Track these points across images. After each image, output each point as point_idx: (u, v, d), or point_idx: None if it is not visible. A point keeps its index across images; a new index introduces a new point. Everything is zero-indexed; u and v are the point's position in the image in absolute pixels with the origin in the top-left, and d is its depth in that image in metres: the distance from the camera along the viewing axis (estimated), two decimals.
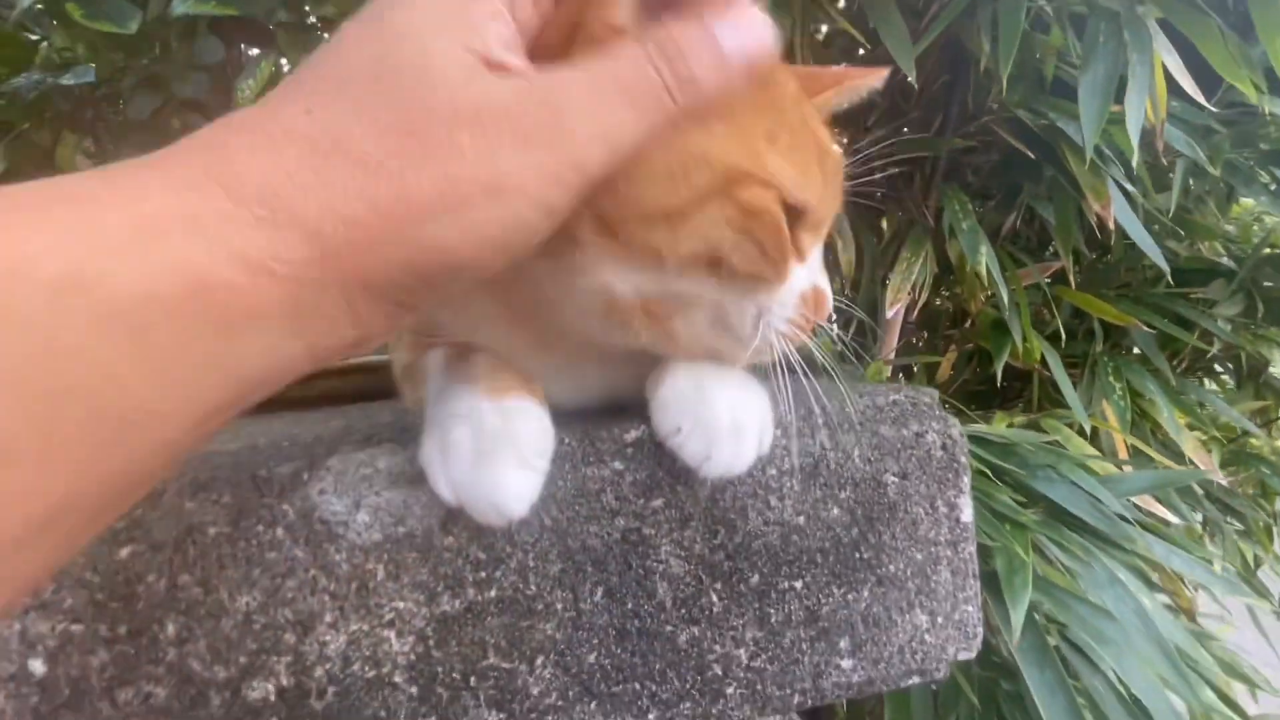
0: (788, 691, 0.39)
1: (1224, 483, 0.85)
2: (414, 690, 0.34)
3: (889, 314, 0.70)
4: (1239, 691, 1.00)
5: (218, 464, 0.36)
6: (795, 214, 0.32)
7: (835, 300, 0.39)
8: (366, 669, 0.34)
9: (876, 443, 0.40)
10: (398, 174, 0.23)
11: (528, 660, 0.36)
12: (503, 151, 0.24)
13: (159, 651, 0.32)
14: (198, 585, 0.33)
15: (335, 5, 0.91)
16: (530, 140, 0.25)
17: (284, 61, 0.96)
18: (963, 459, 0.41)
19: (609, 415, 0.40)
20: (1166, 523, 0.73)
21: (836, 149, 0.36)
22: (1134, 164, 0.58)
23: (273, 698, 0.33)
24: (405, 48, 0.24)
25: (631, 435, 0.38)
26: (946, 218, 0.73)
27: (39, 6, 0.91)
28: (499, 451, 0.31)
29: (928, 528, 0.41)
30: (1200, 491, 0.91)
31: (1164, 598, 1.03)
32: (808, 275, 0.34)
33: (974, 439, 0.65)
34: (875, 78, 0.39)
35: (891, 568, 0.40)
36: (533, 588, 0.36)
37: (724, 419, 0.34)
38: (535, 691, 0.36)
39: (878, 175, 0.40)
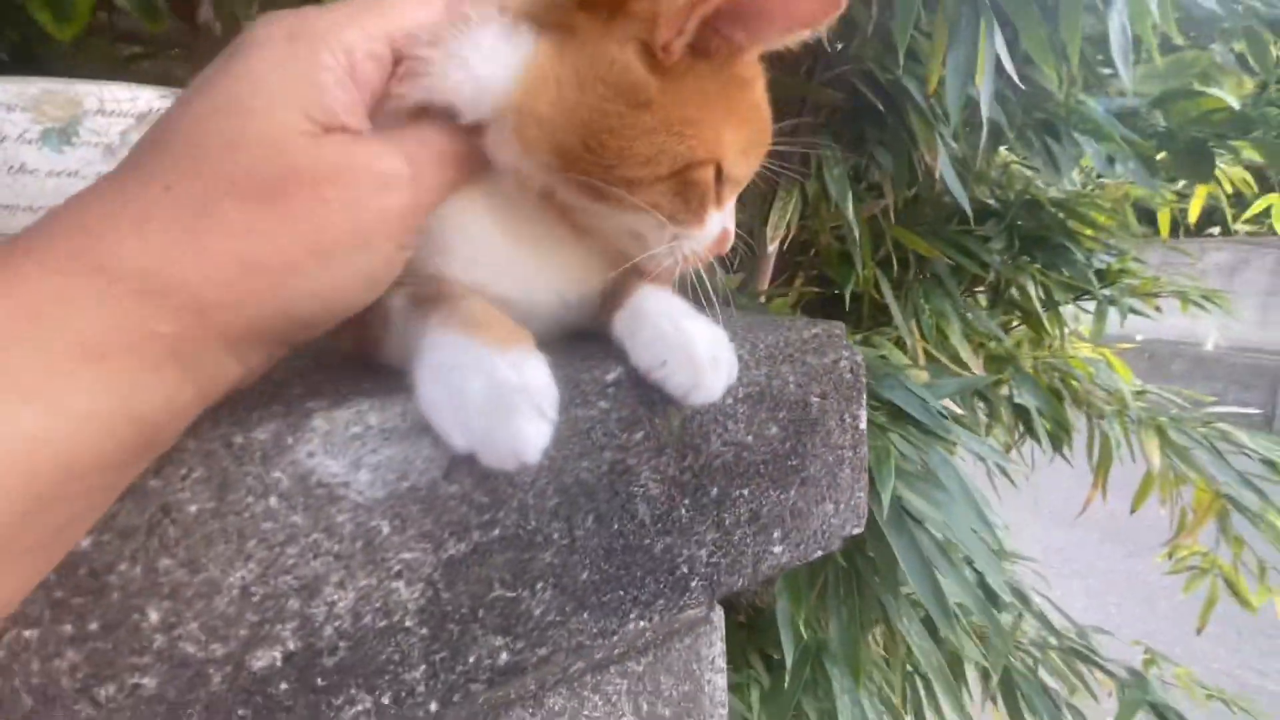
0: (736, 578, 0.47)
1: (986, 378, 1.12)
2: (425, 631, 0.36)
3: (770, 249, 0.79)
4: None
5: None
6: (724, 176, 0.40)
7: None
8: (378, 620, 0.34)
9: (806, 370, 0.47)
10: (268, 236, 0.25)
11: (529, 587, 0.39)
12: (364, 201, 0.28)
13: (143, 641, 0.29)
14: (182, 567, 0.30)
15: None
16: (389, 188, 0.29)
17: None
18: (862, 379, 0.51)
19: (581, 351, 0.42)
20: (954, 413, 0.95)
21: (769, 128, 0.42)
22: (973, 125, 0.71)
23: (280, 663, 0.32)
24: (254, 122, 0.26)
25: (611, 376, 0.40)
26: (815, 161, 0.82)
27: None
28: (518, 404, 0.32)
29: (838, 436, 0.50)
30: None
31: None
32: (721, 220, 0.42)
33: None
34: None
35: (812, 470, 0.49)
36: (533, 523, 0.38)
37: (704, 353, 0.38)
38: (537, 613, 0.39)
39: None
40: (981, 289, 1.28)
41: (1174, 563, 1.43)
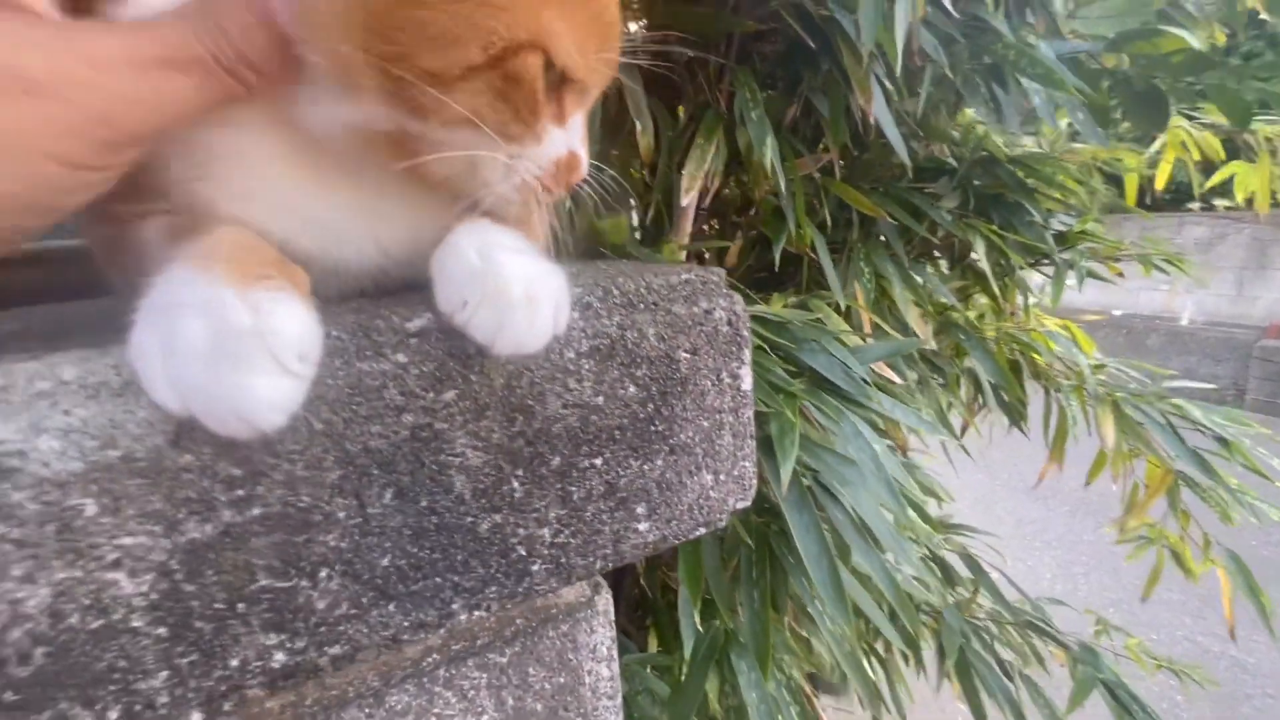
0: (591, 559, 0.41)
1: (934, 347, 1.06)
2: (161, 631, 0.29)
3: (684, 202, 0.72)
4: (930, 503, 1.33)
5: None
6: (561, 80, 0.34)
7: (636, 185, 0.39)
8: (89, 620, 0.28)
9: (670, 320, 0.41)
10: None
11: (308, 575, 0.32)
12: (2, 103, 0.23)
13: None
14: None
15: None
16: (32, 95, 0.23)
17: None
18: (745, 332, 0.44)
19: (390, 299, 0.35)
20: (892, 381, 0.90)
21: (617, 20, 0.36)
22: (897, 67, 0.64)
23: None
24: None
25: (415, 324, 0.34)
26: (737, 104, 0.75)
27: None
28: (248, 353, 0.26)
29: (714, 397, 0.44)
30: (916, 355, 1.13)
31: (887, 440, 1.30)
32: (565, 140, 0.36)
33: (755, 319, 0.71)
34: None
35: (683, 436, 0.43)
36: (306, 499, 0.32)
37: (516, 290, 0.32)
38: (321, 605, 0.33)
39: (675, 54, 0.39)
40: (940, 255, 1.22)
41: (1122, 533, 1.40)
